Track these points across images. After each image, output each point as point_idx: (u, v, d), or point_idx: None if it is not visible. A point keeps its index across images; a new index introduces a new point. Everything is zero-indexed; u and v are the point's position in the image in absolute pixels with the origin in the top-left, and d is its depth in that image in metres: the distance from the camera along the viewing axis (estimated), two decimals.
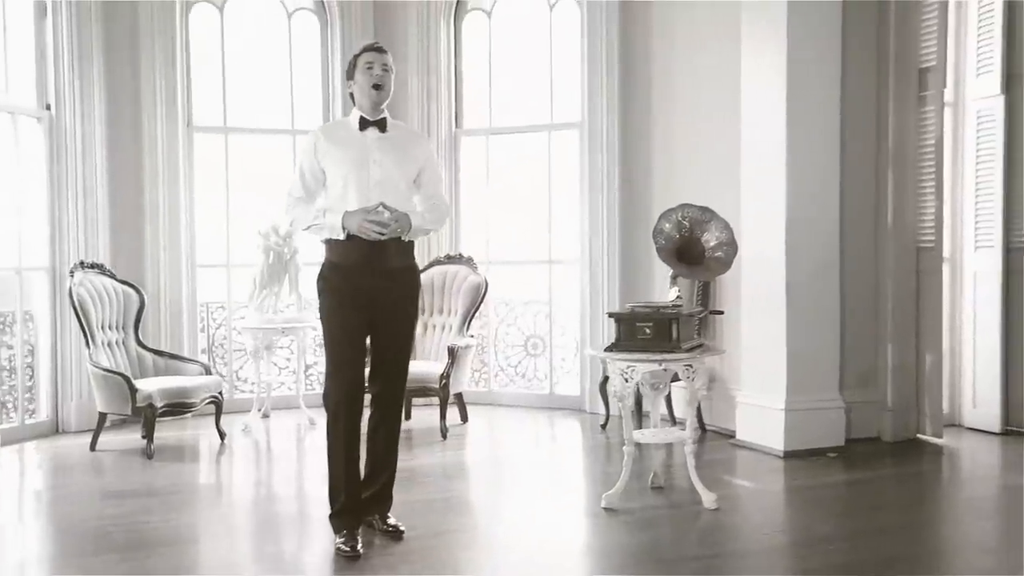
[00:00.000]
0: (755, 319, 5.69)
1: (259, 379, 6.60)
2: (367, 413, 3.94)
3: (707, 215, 4.56)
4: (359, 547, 3.72)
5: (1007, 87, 5.89)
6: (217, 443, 5.94)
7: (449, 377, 6.21)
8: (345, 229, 3.70)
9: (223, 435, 5.97)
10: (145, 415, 5.60)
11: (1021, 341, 5.88)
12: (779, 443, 5.45)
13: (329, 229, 3.75)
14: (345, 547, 3.71)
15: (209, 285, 7.12)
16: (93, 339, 5.86)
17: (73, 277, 5.90)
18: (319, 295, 3.85)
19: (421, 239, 4.16)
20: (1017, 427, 5.89)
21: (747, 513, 4.40)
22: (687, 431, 4.52)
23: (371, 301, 3.78)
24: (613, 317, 4.46)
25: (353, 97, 3.88)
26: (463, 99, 7.42)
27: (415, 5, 7.19)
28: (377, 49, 3.86)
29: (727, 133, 5.90)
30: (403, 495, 4.24)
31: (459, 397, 6.57)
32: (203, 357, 6.90)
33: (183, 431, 6.33)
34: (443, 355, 6.38)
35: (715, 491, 4.44)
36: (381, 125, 3.84)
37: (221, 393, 6.07)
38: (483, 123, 7.40)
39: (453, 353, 6.27)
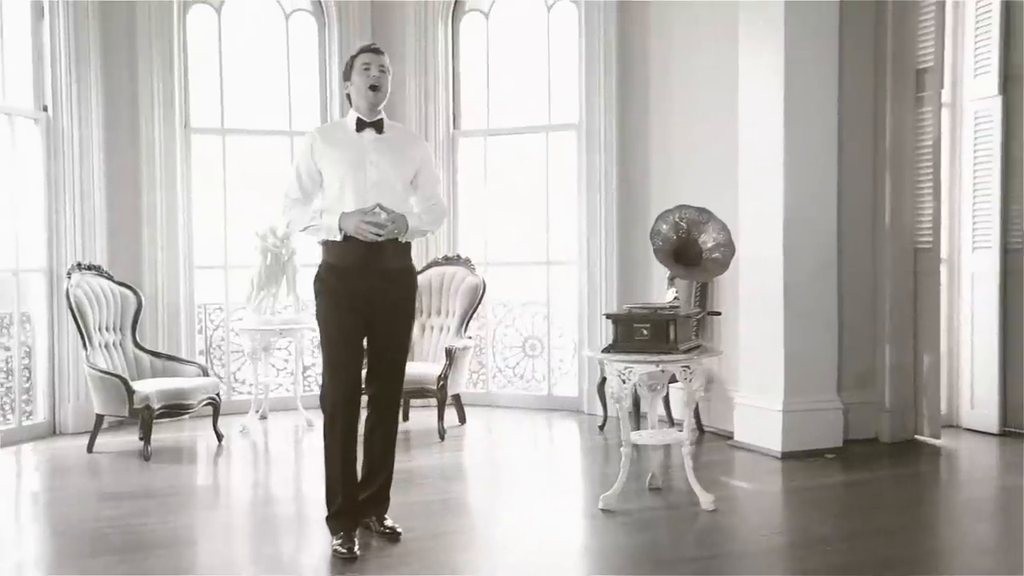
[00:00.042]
0: (753, 320, 5.69)
1: (257, 380, 6.60)
2: (364, 414, 3.94)
3: (704, 216, 4.56)
4: (356, 549, 3.72)
5: (1004, 88, 5.89)
6: (215, 445, 5.94)
7: (447, 378, 6.21)
8: (342, 230, 3.70)
9: (220, 437, 5.97)
10: (142, 417, 5.59)
11: (1019, 342, 5.88)
12: (777, 444, 5.45)
13: (326, 230, 3.75)
14: (342, 549, 3.71)
15: (207, 286, 7.10)
16: (90, 341, 5.85)
17: (70, 279, 5.90)
18: (316, 296, 3.84)
19: (419, 240, 4.15)
20: (1015, 428, 5.89)
21: (745, 514, 4.40)
22: (685, 432, 4.51)
23: (368, 302, 3.78)
24: (610, 318, 4.45)
25: (350, 98, 3.88)
26: (461, 100, 7.42)
27: (413, 6, 7.19)
28: (374, 50, 3.86)
29: (725, 133, 5.90)
30: (401, 496, 4.24)
31: (457, 398, 6.56)
32: (201, 359, 6.88)
33: (180, 433, 6.32)
34: (441, 356, 6.37)
35: (713, 492, 4.44)
36: (378, 126, 3.84)
37: (219, 394, 6.07)
38: (481, 124, 7.40)
39: (451, 354, 6.26)
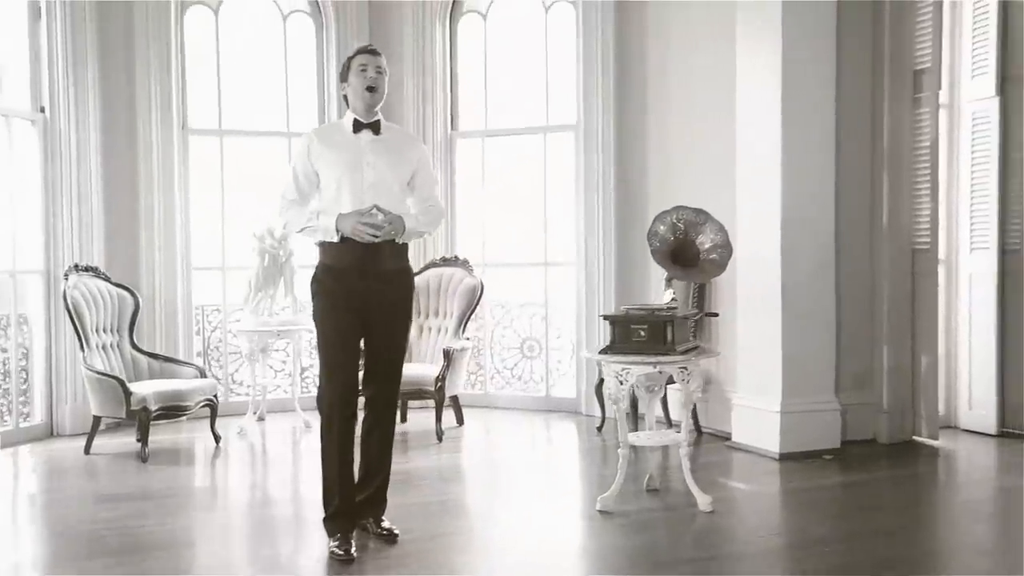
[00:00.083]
0: (751, 321, 5.69)
1: (254, 382, 6.59)
2: (362, 416, 3.93)
3: (702, 217, 4.56)
4: (353, 551, 3.71)
5: (1002, 89, 5.89)
6: (212, 446, 5.93)
7: (445, 380, 6.20)
8: (339, 231, 3.70)
9: (218, 438, 5.96)
10: (140, 418, 5.58)
11: (1017, 343, 5.88)
12: (775, 445, 5.44)
13: (323, 231, 3.74)
14: (339, 551, 3.70)
15: (204, 288, 7.09)
16: (87, 342, 5.85)
17: (67, 280, 5.89)
18: (313, 298, 3.84)
19: (416, 241, 4.15)
20: (1013, 429, 5.89)
21: (743, 515, 4.40)
22: (682, 433, 4.50)
23: (365, 304, 3.77)
24: (607, 319, 4.45)
25: (347, 99, 3.88)
26: (459, 101, 7.41)
27: (410, 7, 7.18)
28: (371, 51, 3.85)
29: (723, 133, 5.90)
30: (398, 498, 4.24)
31: (455, 400, 6.56)
32: (198, 360, 6.86)
33: (178, 434, 6.31)
34: (439, 358, 6.36)
35: (711, 493, 4.43)
36: (375, 127, 3.83)
37: (216, 396, 6.05)
38: (479, 125, 7.40)
39: (449, 356, 6.26)
